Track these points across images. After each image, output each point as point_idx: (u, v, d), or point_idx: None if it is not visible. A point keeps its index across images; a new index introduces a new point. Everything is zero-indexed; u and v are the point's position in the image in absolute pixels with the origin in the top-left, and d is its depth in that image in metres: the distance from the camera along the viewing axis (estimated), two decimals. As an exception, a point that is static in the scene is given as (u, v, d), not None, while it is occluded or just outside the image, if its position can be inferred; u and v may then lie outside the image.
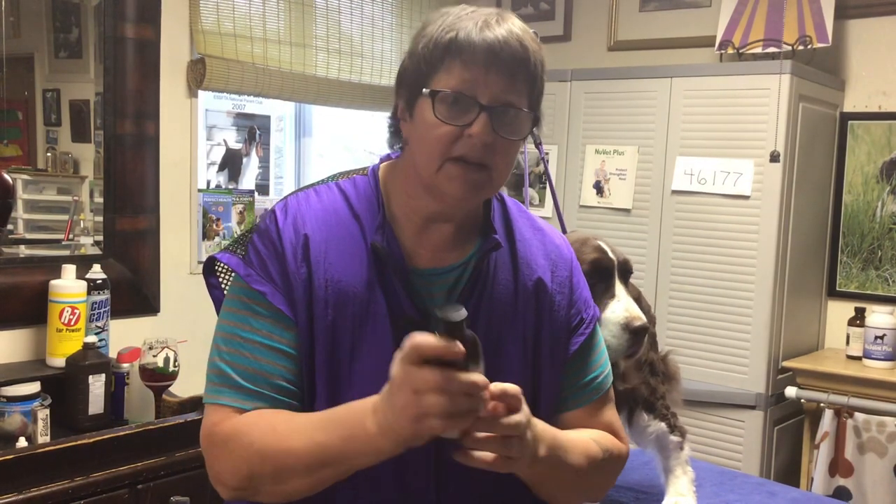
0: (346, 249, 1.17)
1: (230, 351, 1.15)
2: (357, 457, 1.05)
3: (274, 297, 1.15)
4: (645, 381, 1.60)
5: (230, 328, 1.17)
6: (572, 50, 3.84)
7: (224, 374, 1.15)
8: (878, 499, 2.76)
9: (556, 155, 3.39)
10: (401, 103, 1.18)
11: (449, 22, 1.12)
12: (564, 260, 1.28)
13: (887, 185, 3.19)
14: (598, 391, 1.28)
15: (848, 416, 2.81)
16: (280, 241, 1.16)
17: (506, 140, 1.12)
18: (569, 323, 1.25)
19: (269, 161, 3.59)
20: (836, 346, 3.26)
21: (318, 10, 3.22)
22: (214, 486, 1.17)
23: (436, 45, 1.12)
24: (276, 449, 1.08)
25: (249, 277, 1.16)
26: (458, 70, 1.10)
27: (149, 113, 2.64)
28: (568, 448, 1.17)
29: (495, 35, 1.10)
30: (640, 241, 3.19)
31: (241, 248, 1.20)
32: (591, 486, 1.25)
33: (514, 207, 1.30)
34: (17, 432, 2.09)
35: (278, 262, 1.16)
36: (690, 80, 3.11)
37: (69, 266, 2.36)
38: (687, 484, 1.63)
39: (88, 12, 2.64)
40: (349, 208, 1.20)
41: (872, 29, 3.22)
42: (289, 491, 1.10)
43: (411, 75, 1.15)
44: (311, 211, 1.19)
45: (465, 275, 1.19)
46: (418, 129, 1.14)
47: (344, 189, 1.22)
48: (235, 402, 1.14)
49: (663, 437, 1.62)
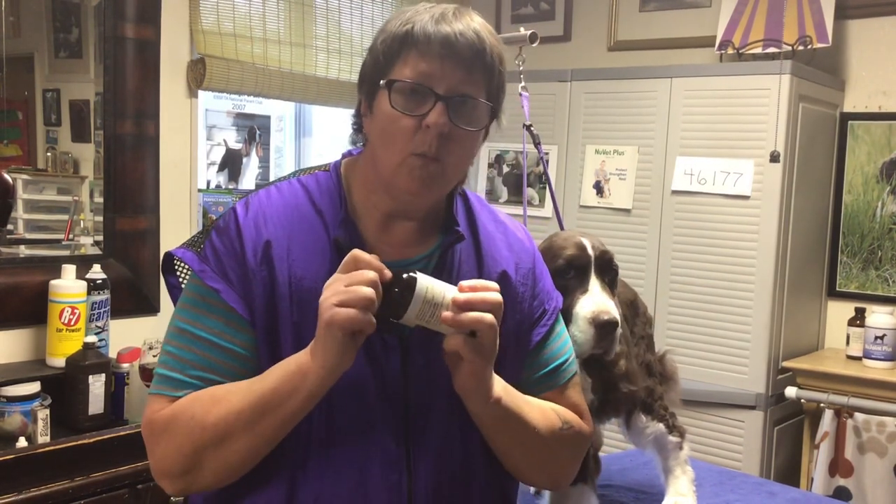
0: (309, 245, 1.16)
1: (179, 346, 1.15)
2: (291, 393, 1.06)
3: (228, 295, 1.13)
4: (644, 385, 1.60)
5: (182, 324, 1.16)
6: (572, 50, 3.84)
7: (170, 368, 1.14)
8: (878, 499, 2.76)
9: (556, 155, 3.39)
10: (362, 98, 1.19)
11: (406, 17, 1.14)
12: (527, 252, 1.29)
13: (887, 185, 3.19)
14: (563, 377, 1.28)
15: (848, 416, 2.81)
16: (240, 239, 1.15)
17: (463, 131, 1.13)
18: (532, 314, 1.26)
19: (269, 161, 3.59)
20: (836, 346, 3.26)
21: (318, 10, 3.22)
22: (158, 482, 1.16)
23: (393, 38, 1.13)
24: (216, 414, 1.09)
25: (204, 273, 1.15)
26: (414, 61, 1.12)
27: (149, 113, 2.64)
28: (525, 402, 1.19)
29: (452, 28, 1.11)
30: (640, 241, 3.19)
31: (197, 245, 1.19)
32: (550, 458, 1.25)
33: (476, 201, 1.31)
34: (17, 432, 2.09)
35: (236, 261, 1.14)
36: (690, 80, 3.11)
37: (69, 266, 2.36)
38: (687, 484, 1.63)
39: (88, 12, 2.64)
40: (311, 203, 1.19)
41: (872, 29, 3.22)
42: (233, 460, 1.10)
43: (370, 70, 1.16)
44: (272, 208, 1.18)
45: (429, 267, 1.20)
46: (378, 123, 1.15)
47: (305, 184, 1.22)
48: (176, 391, 1.13)
49: (662, 437, 1.62)
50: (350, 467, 1.13)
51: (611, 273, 1.43)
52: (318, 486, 1.12)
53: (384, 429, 1.14)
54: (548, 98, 3.40)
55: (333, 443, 1.13)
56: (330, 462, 1.12)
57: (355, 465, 1.13)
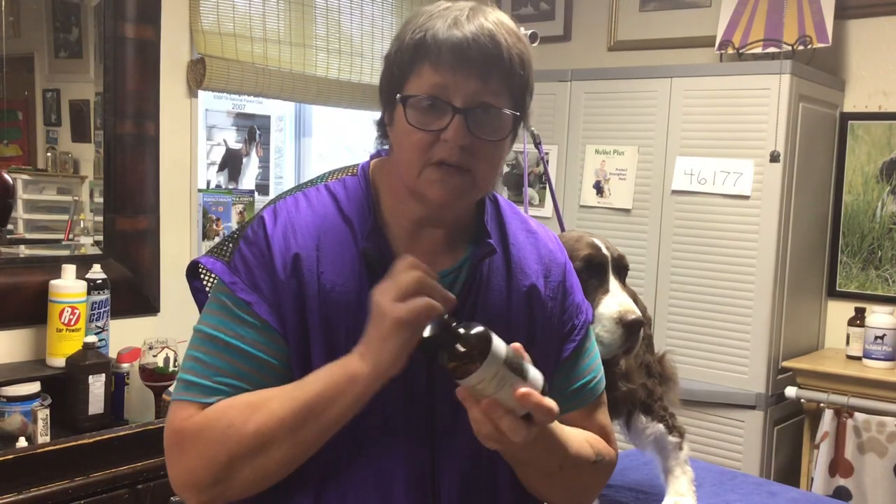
0: (338, 256, 1.12)
1: (209, 352, 1.10)
2: (336, 398, 1.03)
3: (260, 307, 1.10)
4: (642, 383, 1.60)
5: (211, 331, 1.11)
6: (572, 50, 3.84)
7: (198, 374, 1.10)
8: (878, 499, 2.76)
9: (556, 155, 3.39)
10: (383, 108, 1.16)
11: (420, 22, 1.09)
12: (558, 264, 1.25)
13: (887, 185, 3.19)
14: (591, 396, 1.25)
15: (848, 416, 2.81)
16: (269, 250, 1.11)
17: (485, 142, 1.07)
18: (561, 329, 1.22)
19: (269, 161, 3.59)
20: (836, 346, 3.26)
21: (318, 10, 3.22)
22: (181, 494, 1.11)
23: (406, 48, 1.09)
24: (256, 421, 1.05)
25: (235, 286, 1.11)
26: (428, 73, 1.07)
27: (149, 113, 2.64)
28: (562, 435, 1.15)
29: (463, 33, 1.05)
30: (640, 241, 3.19)
31: (225, 254, 1.14)
32: (578, 487, 1.23)
33: (508, 209, 1.26)
34: (17, 432, 2.09)
35: (266, 272, 1.11)
36: (690, 80, 3.11)
37: (69, 266, 2.36)
38: (687, 484, 1.63)
39: (88, 12, 2.64)
40: (339, 212, 1.15)
41: (872, 29, 3.22)
42: (271, 469, 1.06)
43: (386, 82, 1.13)
44: (300, 219, 1.14)
45: (458, 280, 1.16)
46: (397, 135, 1.11)
47: (334, 191, 1.18)
48: (207, 397, 1.09)
49: (662, 438, 1.62)
50: (376, 475, 1.11)
51: (625, 272, 1.43)
52: (344, 491, 1.11)
53: (410, 434, 1.12)
54: (548, 98, 3.40)
55: (360, 449, 1.11)
56: (356, 469, 1.11)
57: (382, 473, 1.11)
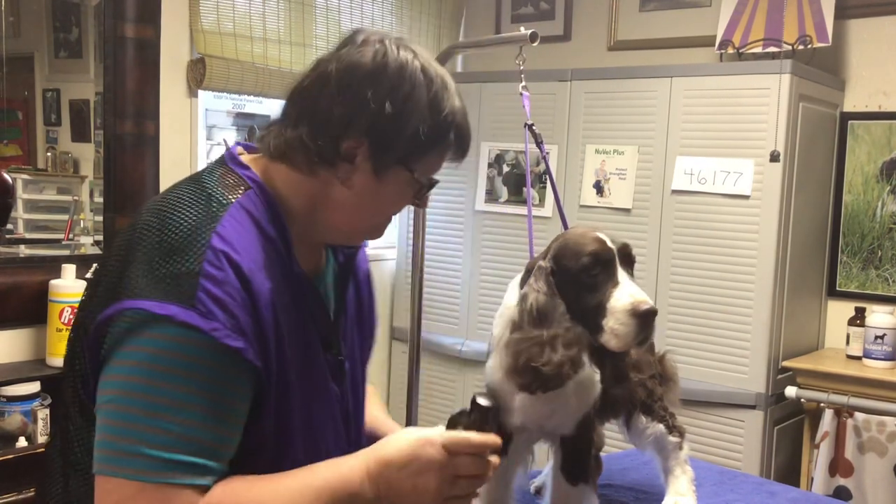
0: (277, 279, 1.07)
1: (191, 424, 0.96)
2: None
3: (248, 352, 0.99)
4: (642, 383, 1.60)
5: (189, 396, 0.96)
6: (572, 50, 3.84)
7: (185, 452, 0.96)
8: (878, 499, 2.76)
9: (556, 155, 3.39)
10: (362, 146, 1.07)
11: (449, 105, 1.09)
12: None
13: (887, 184, 3.19)
14: None
15: (848, 416, 2.81)
16: (243, 286, 1.01)
17: None
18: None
19: (269, 161, 3.59)
20: (836, 346, 3.26)
21: (318, 10, 3.22)
22: None
23: (437, 128, 1.09)
24: None
25: (217, 332, 0.96)
26: (442, 159, 1.14)
27: (149, 113, 2.64)
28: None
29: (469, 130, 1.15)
30: (640, 241, 3.19)
31: (184, 298, 0.96)
32: None
33: None
34: (17, 432, 2.09)
35: (245, 311, 1.00)
36: (690, 79, 3.11)
37: (69, 266, 2.36)
38: (686, 483, 1.63)
39: (88, 12, 2.64)
40: (261, 232, 1.08)
41: (872, 29, 3.22)
42: None
43: (393, 138, 1.07)
44: (240, 243, 1.04)
45: (330, 272, 1.26)
46: (373, 189, 1.10)
47: (249, 210, 1.08)
48: (202, 478, 0.97)
49: (662, 438, 1.62)
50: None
51: (632, 263, 1.43)
52: None
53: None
54: (548, 98, 3.40)
55: None
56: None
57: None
